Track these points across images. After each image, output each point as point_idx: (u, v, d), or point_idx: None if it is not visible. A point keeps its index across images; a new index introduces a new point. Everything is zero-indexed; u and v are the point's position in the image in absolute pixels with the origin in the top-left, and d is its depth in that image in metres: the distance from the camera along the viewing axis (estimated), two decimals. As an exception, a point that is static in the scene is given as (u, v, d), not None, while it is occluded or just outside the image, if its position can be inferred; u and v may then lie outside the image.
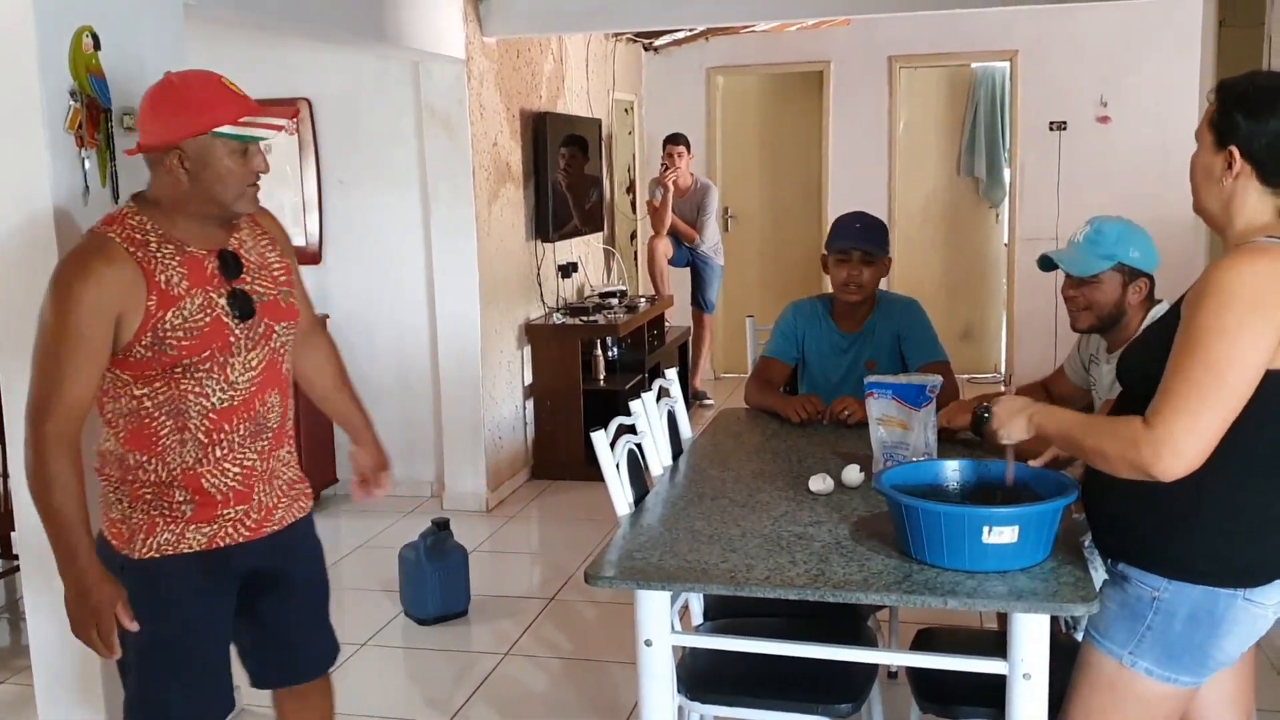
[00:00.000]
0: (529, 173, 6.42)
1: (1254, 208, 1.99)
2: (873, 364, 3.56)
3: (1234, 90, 2.00)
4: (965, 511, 2.22)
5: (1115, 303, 2.86)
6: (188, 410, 2.28)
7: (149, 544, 2.30)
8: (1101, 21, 7.73)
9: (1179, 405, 1.88)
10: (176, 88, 2.31)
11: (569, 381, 6.38)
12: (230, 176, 2.28)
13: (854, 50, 8.41)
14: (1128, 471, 1.96)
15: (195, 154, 2.24)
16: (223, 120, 2.25)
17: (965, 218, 8.68)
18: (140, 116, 2.31)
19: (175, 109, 2.26)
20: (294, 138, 5.96)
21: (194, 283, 2.27)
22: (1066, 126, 8.11)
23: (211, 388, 2.29)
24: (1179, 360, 1.90)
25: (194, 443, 2.29)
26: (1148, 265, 2.86)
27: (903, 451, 2.83)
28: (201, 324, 2.26)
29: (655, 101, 8.89)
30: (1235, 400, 1.88)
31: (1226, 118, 1.98)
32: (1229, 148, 1.98)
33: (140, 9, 3.30)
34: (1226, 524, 2.01)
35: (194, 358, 2.25)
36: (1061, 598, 2.09)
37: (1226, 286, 1.88)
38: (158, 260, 2.23)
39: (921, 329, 3.64)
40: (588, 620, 4.49)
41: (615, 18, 6.02)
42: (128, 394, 2.26)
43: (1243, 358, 1.86)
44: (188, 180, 2.25)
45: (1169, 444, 1.88)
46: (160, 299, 2.21)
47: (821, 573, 2.26)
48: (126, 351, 2.21)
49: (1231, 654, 2.08)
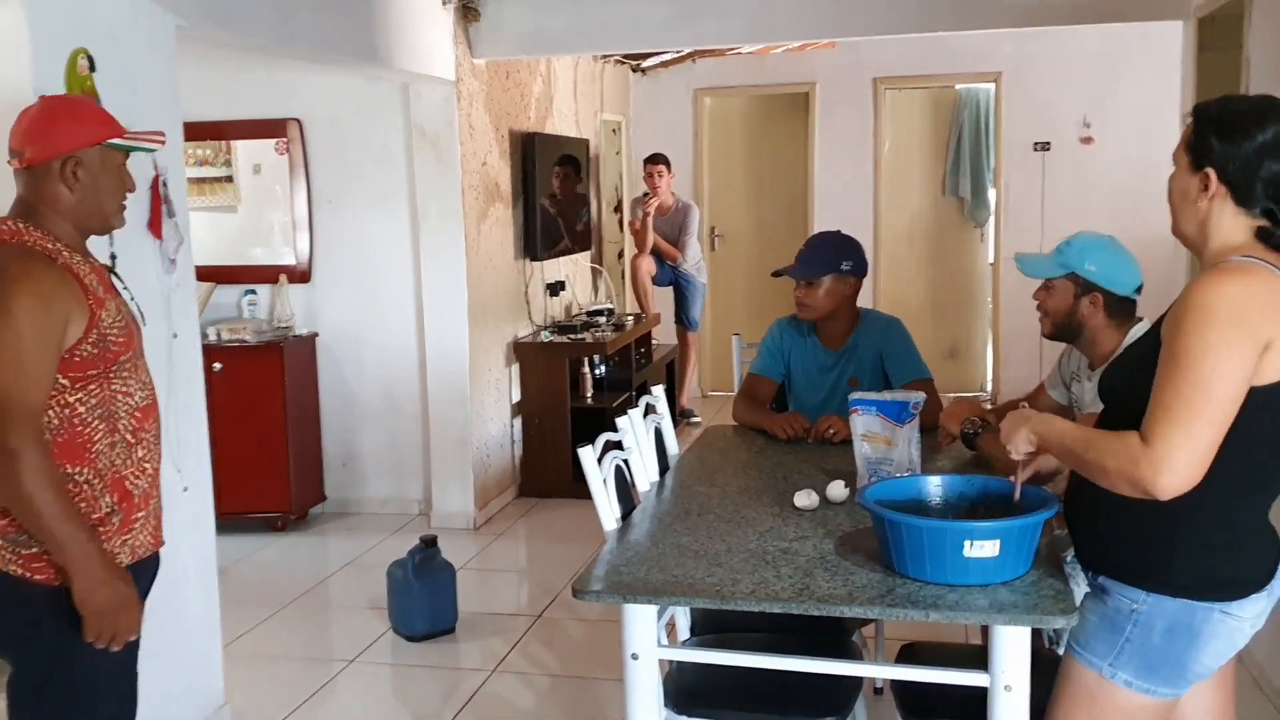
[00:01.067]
0: (517, 192, 6.47)
1: (1229, 228, 2.04)
2: (855, 381, 3.60)
3: (1209, 113, 2.05)
4: (947, 526, 2.26)
5: (1067, 311, 2.90)
6: (117, 411, 2.31)
7: None
8: (1084, 44, 7.82)
9: (1174, 423, 1.90)
10: (68, 101, 2.43)
11: (557, 399, 6.42)
12: (116, 189, 2.37)
13: (839, 72, 8.50)
14: (1126, 487, 1.98)
15: (89, 163, 2.31)
16: (114, 132, 2.35)
17: (951, 237, 8.75)
18: (28, 132, 2.30)
19: (71, 120, 2.33)
20: (284, 157, 6.00)
21: (105, 288, 2.33)
22: (1050, 147, 8.20)
23: (134, 386, 2.36)
24: (1167, 378, 1.93)
25: (122, 444, 2.32)
26: (1106, 281, 2.84)
27: (886, 467, 2.87)
28: (122, 325, 2.33)
29: (643, 122, 8.96)
30: (1225, 415, 1.91)
31: (1202, 140, 2.03)
32: (1205, 169, 2.02)
33: (134, 32, 3.34)
34: (1205, 538, 2.05)
35: (127, 354, 2.32)
36: (1041, 610, 2.13)
37: (1206, 304, 1.92)
38: (75, 266, 2.27)
39: (904, 347, 3.68)
40: (575, 638, 4.51)
41: (603, 40, 6.09)
42: (59, 403, 2.22)
43: (1229, 373, 1.90)
44: (78, 191, 2.30)
45: (1167, 462, 1.90)
46: (95, 300, 2.26)
47: (806, 586, 2.30)
48: (73, 352, 2.21)
49: (1209, 666, 2.11)
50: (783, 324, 3.85)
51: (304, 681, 4.11)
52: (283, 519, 5.83)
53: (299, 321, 6.02)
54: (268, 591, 4.99)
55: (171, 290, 3.50)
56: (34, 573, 2.23)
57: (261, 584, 5.12)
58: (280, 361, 5.71)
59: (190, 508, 3.58)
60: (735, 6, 5.58)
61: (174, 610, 3.39)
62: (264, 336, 5.80)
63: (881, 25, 5.57)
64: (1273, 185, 1.99)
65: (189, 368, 3.61)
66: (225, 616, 3.85)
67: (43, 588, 2.23)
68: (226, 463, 4.99)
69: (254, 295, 6.05)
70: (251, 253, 6.13)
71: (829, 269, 3.62)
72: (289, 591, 5.01)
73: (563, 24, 5.74)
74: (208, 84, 5.79)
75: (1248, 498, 2.06)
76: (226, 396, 5.45)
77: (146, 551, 2.41)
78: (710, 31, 5.80)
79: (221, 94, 5.93)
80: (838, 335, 3.73)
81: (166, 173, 3.45)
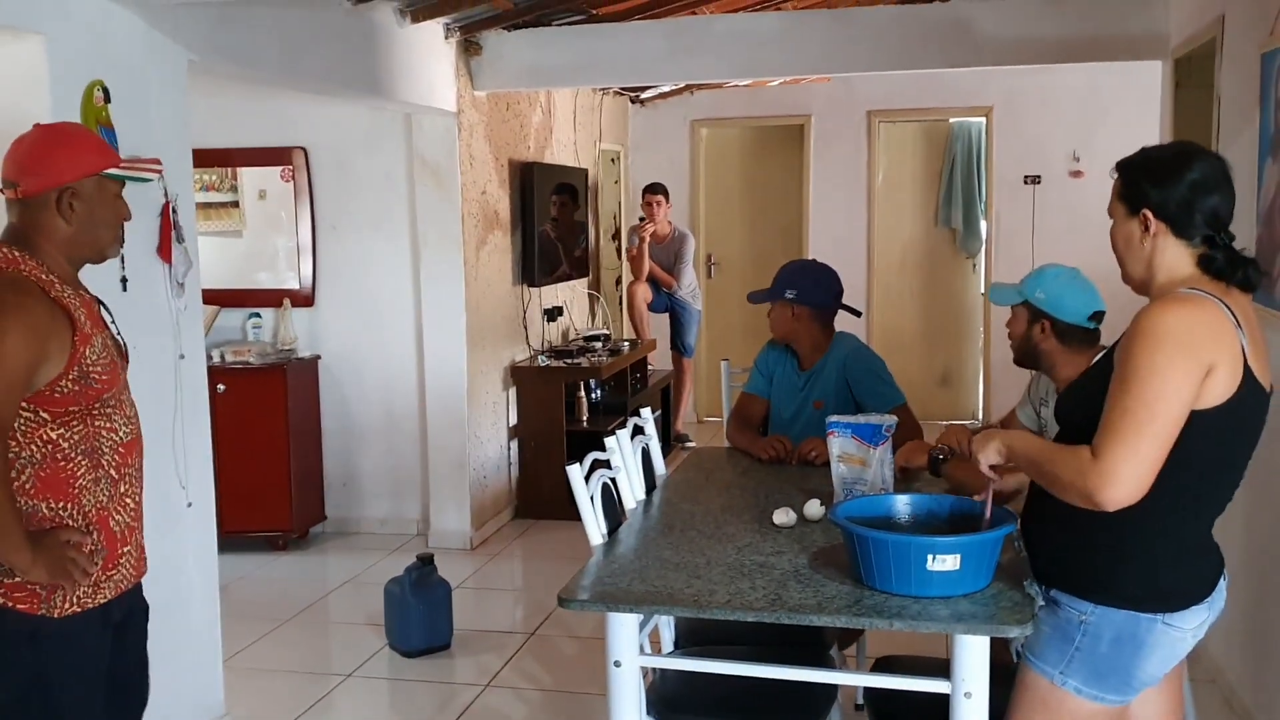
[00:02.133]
0: (516, 220, 6.62)
1: (1173, 260, 2.19)
2: (820, 404, 3.75)
3: (1134, 164, 2.25)
4: (911, 540, 2.39)
5: (1022, 336, 3.06)
6: (101, 447, 2.31)
7: (70, 599, 2.27)
8: (1073, 80, 8.00)
9: (1120, 440, 2.05)
10: (63, 130, 2.42)
11: (553, 423, 6.54)
12: (112, 219, 2.38)
13: (834, 105, 8.67)
14: (1077, 498, 2.12)
15: (86, 194, 2.31)
16: (110, 163, 2.36)
17: (943, 267, 8.89)
18: (24, 162, 2.31)
19: (67, 150, 2.32)
20: (289, 184, 6.15)
21: (93, 322, 2.33)
22: (1040, 180, 8.36)
23: (118, 422, 2.36)
24: (1117, 398, 2.08)
25: (106, 480, 2.33)
26: (1053, 308, 2.98)
27: (861, 487, 3.01)
28: (107, 361, 2.32)
29: (641, 152, 9.13)
30: (1169, 433, 2.05)
31: (1134, 187, 2.22)
32: (1142, 211, 2.19)
33: (148, 65, 3.49)
34: (1149, 552, 2.18)
35: (110, 391, 2.31)
36: (999, 620, 2.26)
37: (1155, 329, 2.07)
38: (66, 299, 2.26)
39: (870, 376, 3.79)
40: (567, 655, 4.62)
41: (601, 75, 6.27)
42: (40, 437, 2.23)
43: (1173, 394, 2.04)
44: (74, 222, 2.30)
45: (1111, 474, 2.05)
46: (81, 336, 2.25)
47: (779, 597, 2.42)
48: (52, 388, 2.21)
49: (1154, 674, 2.24)
50: (772, 344, 4.01)
51: (302, 694, 4.23)
52: (284, 537, 5.95)
53: (302, 344, 6.15)
54: (268, 608, 5.11)
55: (180, 313, 3.63)
56: (15, 602, 2.24)
57: (262, 600, 5.24)
58: (283, 383, 5.84)
59: (194, 525, 3.71)
60: (731, 43, 5.74)
61: (177, 624, 3.51)
62: (267, 359, 5.94)
63: (873, 62, 5.73)
64: (1212, 215, 2.16)
65: (195, 388, 3.74)
66: (226, 631, 3.98)
67: (24, 616, 2.24)
68: (229, 482, 5.12)
69: (258, 318, 6.20)
70: (256, 277, 6.28)
71: (774, 296, 3.84)
72: (289, 608, 5.13)
73: (562, 58, 5.91)
74: (216, 113, 5.95)
75: (1189, 514, 2.19)
76: (230, 417, 5.56)
77: (129, 584, 2.43)
78: (706, 67, 5.96)
79: (229, 122, 6.10)
80: (807, 357, 3.88)
81: (177, 199, 3.58)
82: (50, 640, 2.24)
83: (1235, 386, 2.08)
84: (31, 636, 2.24)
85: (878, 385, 3.76)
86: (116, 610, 2.40)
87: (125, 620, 2.47)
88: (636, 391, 7.32)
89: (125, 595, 2.43)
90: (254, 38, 4.04)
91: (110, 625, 2.39)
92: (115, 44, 3.35)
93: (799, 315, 3.82)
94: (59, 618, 2.26)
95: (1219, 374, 2.06)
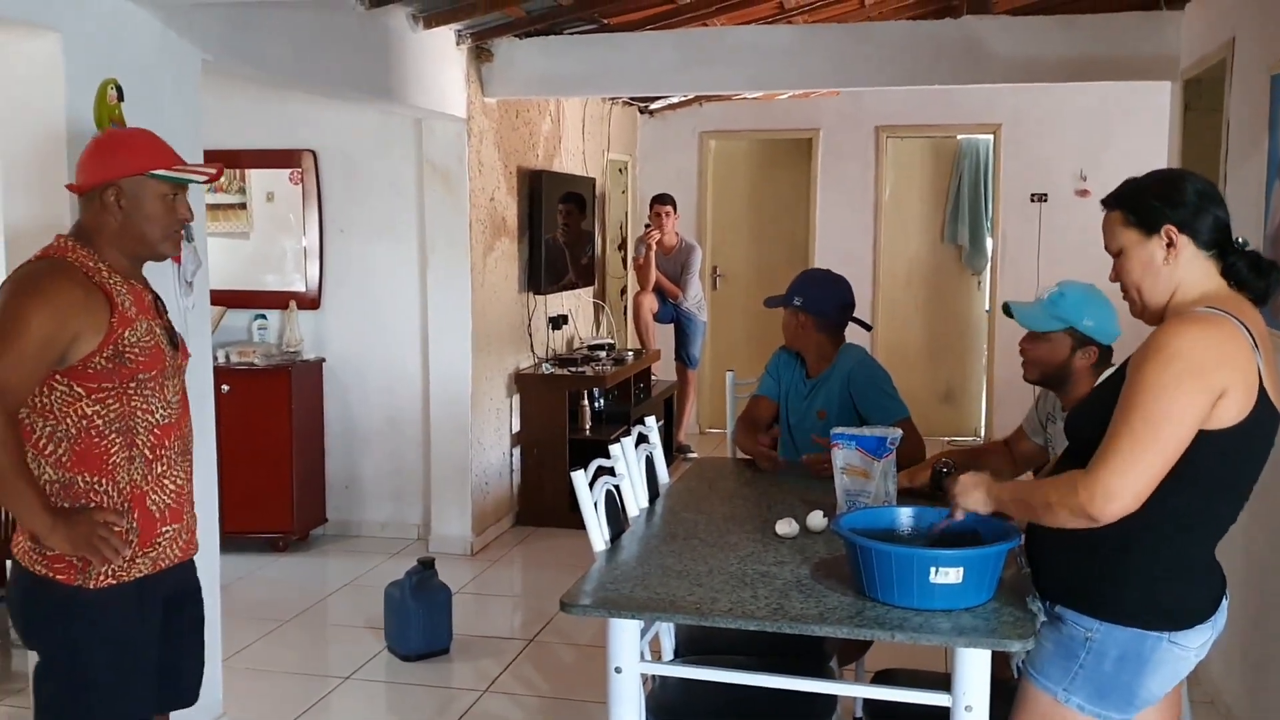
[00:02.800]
0: (523, 227, 6.64)
1: (1199, 274, 2.18)
2: (823, 414, 3.76)
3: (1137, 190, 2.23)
4: (914, 553, 2.39)
5: (1061, 363, 3.04)
6: (136, 427, 2.45)
7: (106, 571, 2.42)
8: (1081, 99, 8.01)
9: (1117, 452, 2.06)
10: (119, 135, 2.58)
11: (556, 430, 6.55)
12: (158, 217, 2.49)
13: (843, 119, 8.69)
14: (1069, 517, 2.13)
15: (130, 192, 2.44)
16: (160, 164, 2.48)
17: (948, 284, 8.90)
18: (83, 160, 2.50)
19: (116, 151, 2.49)
20: (298, 186, 6.17)
21: (139, 310, 2.48)
22: (1047, 198, 8.37)
23: (156, 404, 2.49)
24: (1122, 412, 2.08)
25: (140, 459, 2.46)
26: (1101, 335, 3.02)
27: (864, 499, 3.01)
28: (149, 345, 2.47)
29: (649, 162, 9.15)
30: (1169, 452, 2.06)
31: (1147, 209, 2.19)
32: (1164, 228, 2.17)
33: (162, 64, 3.51)
34: (1154, 570, 2.18)
35: (148, 373, 2.45)
36: (1001, 635, 2.26)
37: (1169, 348, 2.07)
38: (112, 285, 2.43)
39: (874, 388, 3.78)
40: (566, 661, 4.62)
41: (611, 84, 6.28)
42: (76, 412, 2.39)
43: (1178, 415, 2.04)
44: (120, 217, 2.45)
45: (1102, 486, 2.06)
46: (120, 319, 2.40)
47: (780, 607, 2.42)
48: (86, 363, 2.37)
49: (1156, 694, 2.24)
50: (784, 348, 4.04)
51: (299, 696, 4.23)
52: (285, 539, 5.95)
53: (307, 346, 6.17)
54: (268, 609, 5.11)
55: (187, 311, 3.65)
56: (56, 573, 2.41)
57: (262, 601, 5.24)
58: (287, 385, 5.85)
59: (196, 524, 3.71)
60: (742, 55, 5.77)
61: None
62: (272, 360, 5.95)
63: (883, 78, 5.75)
64: (1218, 224, 2.17)
65: (200, 388, 3.74)
66: (225, 631, 3.99)
67: (63, 586, 2.41)
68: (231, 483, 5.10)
69: (264, 320, 6.21)
70: (263, 278, 6.29)
71: (784, 302, 3.89)
72: (288, 609, 5.13)
73: (572, 67, 5.92)
74: (225, 114, 5.97)
75: (1196, 533, 2.19)
76: (234, 418, 5.57)
77: (170, 563, 2.55)
78: (717, 78, 5.98)
79: (238, 124, 6.12)
80: (813, 366, 3.90)
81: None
82: (84, 609, 2.41)
83: (1249, 408, 2.07)
84: (67, 605, 2.41)
85: (881, 398, 3.76)
86: (158, 586, 2.53)
87: (173, 600, 2.60)
88: (640, 401, 7.33)
89: (167, 573, 2.55)
90: (267, 39, 4.06)
91: (149, 601, 2.51)
92: (130, 42, 3.37)
93: (804, 323, 3.84)
94: (94, 589, 2.41)
95: (1232, 396, 2.06)
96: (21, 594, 2.47)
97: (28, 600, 2.46)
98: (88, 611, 2.42)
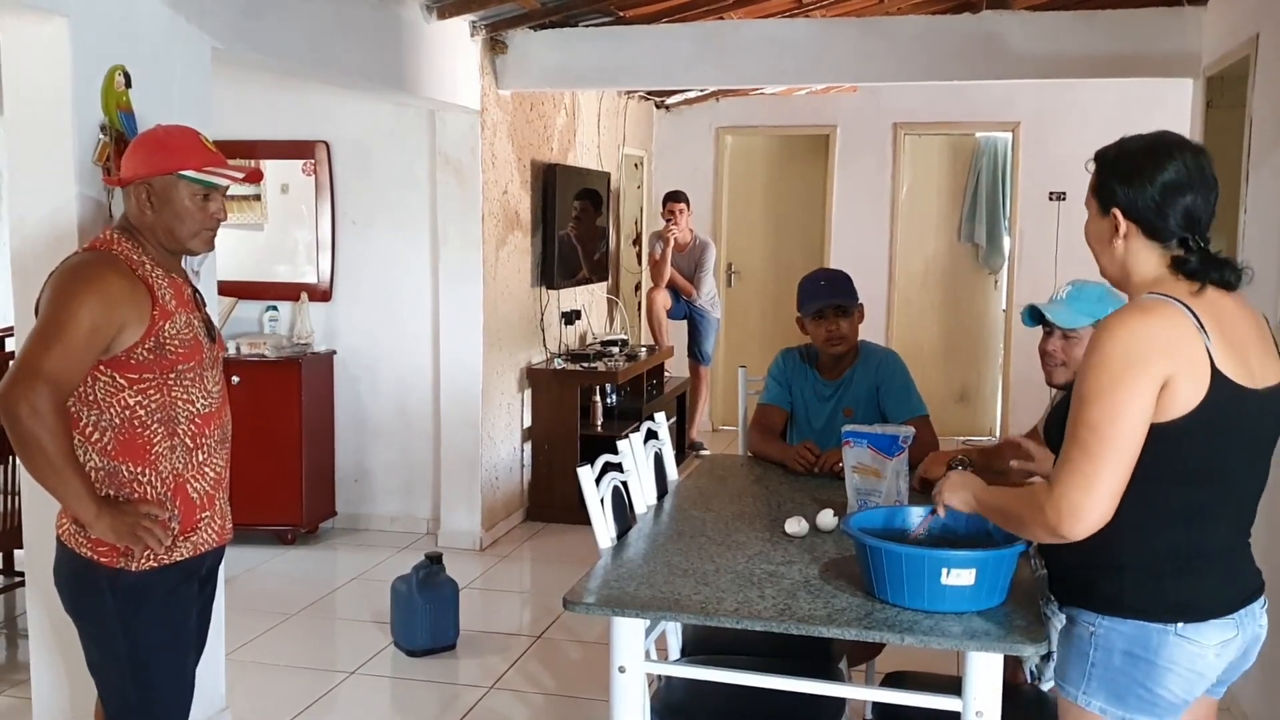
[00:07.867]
0: (537, 221, 6.60)
1: (1144, 262, 2.12)
2: (850, 411, 3.70)
3: (1108, 158, 2.14)
4: (925, 554, 2.34)
5: None
6: (177, 416, 2.54)
7: (148, 554, 2.50)
8: (1102, 97, 7.91)
9: (1072, 469, 2.01)
10: (158, 134, 2.65)
11: (567, 426, 6.51)
12: (188, 216, 2.56)
13: (860, 116, 8.62)
14: (1043, 534, 2.09)
15: (160, 190, 2.54)
16: (189, 165, 2.55)
17: (965, 283, 8.83)
18: (126, 155, 2.63)
19: (152, 150, 2.58)
20: (311, 178, 6.14)
21: (179, 303, 2.57)
22: (1065, 197, 8.28)
23: (196, 394, 2.58)
24: (1070, 426, 2.04)
25: (182, 448, 2.55)
26: None
27: (875, 498, 2.96)
28: (189, 338, 2.56)
29: (665, 158, 9.10)
30: (1124, 454, 1.99)
31: (1104, 185, 2.12)
32: (1112, 211, 2.11)
33: (171, 51, 3.47)
34: (1150, 564, 2.11)
35: (188, 364, 2.54)
36: (1013, 638, 2.21)
37: (1100, 351, 2.01)
38: (154, 279, 2.52)
39: (900, 384, 3.76)
40: (572, 659, 4.58)
41: (627, 77, 6.22)
42: (119, 402, 2.47)
43: (1122, 414, 1.98)
44: (151, 213, 2.54)
45: (1067, 504, 2.01)
46: (161, 311, 2.50)
47: (788, 607, 2.38)
48: (129, 354, 2.45)
49: (1178, 694, 2.14)
50: (787, 353, 3.98)
51: (304, 690, 4.20)
52: (293, 532, 5.93)
53: (318, 339, 6.14)
54: (274, 602, 5.09)
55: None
56: (99, 555, 2.49)
57: (268, 594, 5.22)
58: (298, 377, 5.83)
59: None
60: (759, 49, 5.72)
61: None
62: (283, 352, 5.92)
63: (901, 73, 5.70)
64: (1185, 216, 2.07)
65: (208, 377, 3.72)
66: (231, 624, 3.95)
67: (106, 568, 2.50)
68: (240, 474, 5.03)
69: (275, 311, 6.19)
70: (275, 270, 6.27)
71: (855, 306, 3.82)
72: (294, 602, 5.10)
73: (588, 60, 5.88)
74: (239, 104, 5.96)
75: (1190, 524, 2.11)
76: (244, 409, 5.48)
77: (209, 546, 2.66)
78: (734, 72, 5.95)
79: (252, 114, 6.10)
80: (839, 368, 3.83)
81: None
82: (127, 589, 2.50)
83: (1202, 393, 2.00)
84: (112, 584, 2.50)
85: (906, 394, 3.73)
86: (198, 567, 2.65)
87: (207, 578, 2.75)
88: (652, 398, 7.29)
89: (206, 555, 2.67)
90: (279, 27, 4.03)
91: (190, 580, 2.63)
92: (138, 28, 3.34)
93: (856, 321, 3.81)
94: (135, 570, 2.50)
95: (1178, 383, 1.99)
96: (69, 573, 2.55)
97: (76, 579, 2.55)
98: (131, 592, 2.50)
